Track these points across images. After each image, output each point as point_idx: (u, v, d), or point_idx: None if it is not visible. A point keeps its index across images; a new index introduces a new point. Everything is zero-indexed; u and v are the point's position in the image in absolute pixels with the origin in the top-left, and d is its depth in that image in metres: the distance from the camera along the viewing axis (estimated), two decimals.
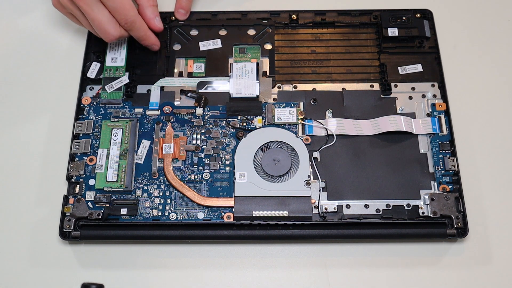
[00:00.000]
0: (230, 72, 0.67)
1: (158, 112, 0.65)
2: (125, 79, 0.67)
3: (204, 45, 0.70)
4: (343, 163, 0.62)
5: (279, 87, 0.67)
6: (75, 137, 0.64)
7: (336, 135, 0.63)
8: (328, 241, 0.60)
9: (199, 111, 0.65)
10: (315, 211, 0.60)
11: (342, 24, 0.71)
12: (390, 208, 0.60)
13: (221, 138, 0.64)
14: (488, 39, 0.72)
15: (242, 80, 0.66)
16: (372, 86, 0.67)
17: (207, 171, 0.62)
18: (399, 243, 0.60)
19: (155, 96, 0.66)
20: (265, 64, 0.69)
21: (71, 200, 0.60)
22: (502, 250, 0.60)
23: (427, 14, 0.71)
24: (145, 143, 0.63)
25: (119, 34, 0.64)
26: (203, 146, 0.63)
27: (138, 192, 0.61)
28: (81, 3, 0.61)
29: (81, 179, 0.61)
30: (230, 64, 0.68)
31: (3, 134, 0.67)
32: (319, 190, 0.61)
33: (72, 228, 0.59)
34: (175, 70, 0.68)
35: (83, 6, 0.61)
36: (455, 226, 0.59)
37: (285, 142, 0.63)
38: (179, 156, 0.62)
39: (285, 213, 0.59)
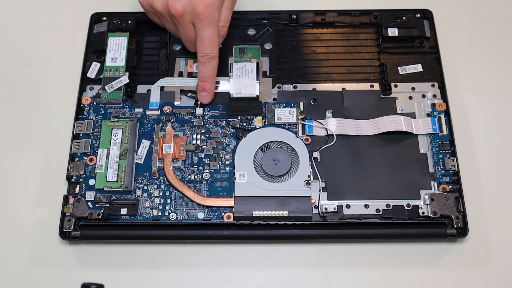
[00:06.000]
0: (230, 72, 0.67)
1: (158, 112, 0.65)
2: (125, 79, 0.67)
3: None
4: (343, 163, 0.62)
5: (279, 87, 0.67)
6: (75, 137, 0.64)
7: (336, 135, 0.63)
8: (328, 241, 0.60)
9: (199, 111, 0.65)
10: (315, 211, 0.60)
11: (342, 24, 0.71)
12: (390, 208, 0.60)
13: (221, 138, 0.64)
14: (488, 39, 0.72)
15: (242, 80, 0.66)
16: (372, 86, 0.67)
17: (207, 171, 0.62)
18: (399, 243, 0.60)
19: (155, 96, 0.66)
20: (265, 64, 0.69)
21: (71, 200, 0.60)
22: (502, 250, 0.60)
23: (427, 14, 0.71)
24: (145, 143, 0.63)
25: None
26: (203, 146, 0.63)
27: (138, 192, 0.61)
28: (179, 20, 0.61)
29: (81, 179, 0.61)
30: (230, 64, 0.68)
31: (3, 134, 0.67)
32: (319, 190, 0.61)
33: (72, 228, 0.59)
34: (175, 70, 0.68)
35: (180, 22, 0.62)
36: (455, 226, 0.59)
37: (285, 142, 0.63)
38: (179, 156, 0.62)
39: (285, 213, 0.59)
